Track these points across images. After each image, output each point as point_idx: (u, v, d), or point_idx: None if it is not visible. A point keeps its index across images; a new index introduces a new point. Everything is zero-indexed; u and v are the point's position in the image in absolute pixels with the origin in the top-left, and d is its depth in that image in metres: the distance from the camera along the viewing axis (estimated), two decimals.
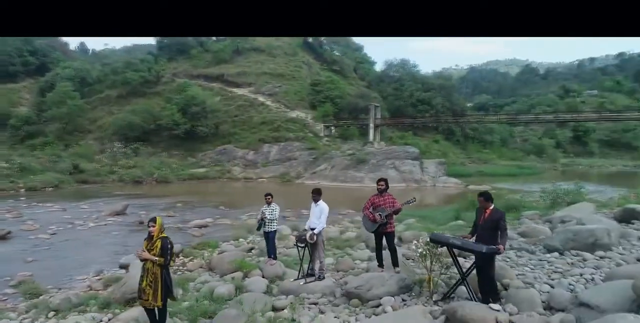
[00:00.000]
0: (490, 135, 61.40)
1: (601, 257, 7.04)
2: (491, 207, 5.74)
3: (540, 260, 7.55)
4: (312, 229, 7.36)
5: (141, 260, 5.33)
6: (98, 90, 57.77)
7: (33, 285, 9.21)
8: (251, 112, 49.74)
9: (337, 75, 60.62)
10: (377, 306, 5.97)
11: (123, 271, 10.71)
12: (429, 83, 61.99)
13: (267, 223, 9.08)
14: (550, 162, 57.82)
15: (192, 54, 61.70)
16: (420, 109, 58.40)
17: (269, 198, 9.18)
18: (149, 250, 5.22)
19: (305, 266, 7.73)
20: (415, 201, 7.25)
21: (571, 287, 5.79)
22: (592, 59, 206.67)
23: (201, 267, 10.37)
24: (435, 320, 4.48)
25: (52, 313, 7.50)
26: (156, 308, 5.30)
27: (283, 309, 6.28)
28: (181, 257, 11.91)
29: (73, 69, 58.23)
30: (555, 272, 6.76)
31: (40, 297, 8.61)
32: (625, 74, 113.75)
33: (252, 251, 11.79)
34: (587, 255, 7.22)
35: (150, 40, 70.31)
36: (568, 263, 7.11)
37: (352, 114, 51.30)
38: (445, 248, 6.12)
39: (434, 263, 6.11)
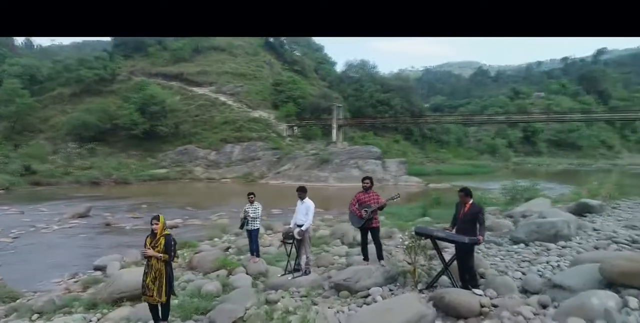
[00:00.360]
0: (447, 135, 63.59)
1: (563, 247, 7.72)
2: (470, 202, 6.25)
3: (509, 251, 8.17)
4: (299, 226, 7.65)
5: (145, 258, 5.45)
6: (49, 88, 55.24)
7: (7, 289, 8.97)
8: (213, 112, 49.21)
9: (299, 76, 60.90)
10: (366, 296, 6.34)
11: (99, 273, 10.61)
12: (388, 84, 63.41)
13: (250, 222, 9.26)
14: (503, 161, 60.63)
15: (149, 52, 60.16)
16: (380, 110, 59.63)
17: (251, 197, 9.37)
18: (153, 247, 5.35)
19: (292, 262, 7.99)
20: (399, 197, 7.70)
21: (540, 273, 6.38)
22: (539, 63, 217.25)
23: (180, 267, 10.39)
24: (430, 305, 4.88)
25: (35, 315, 7.40)
26: (159, 304, 5.43)
27: (277, 302, 6.54)
28: None
29: (21, 66, 55.37)
30: (524, 261, 7.37)
31: (17, 301, 8.43)
32: (569, 78, 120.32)
33: (229, 250, 11.91)
34: (551, 245, 7.89)
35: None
36: (534, 253, 7.75)
37: (315, 114, 51.74)
38: (428, 240, 6.58)
39: (418, 255, 6.55)
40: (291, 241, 7.78)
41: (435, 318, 4.69)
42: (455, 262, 6.23)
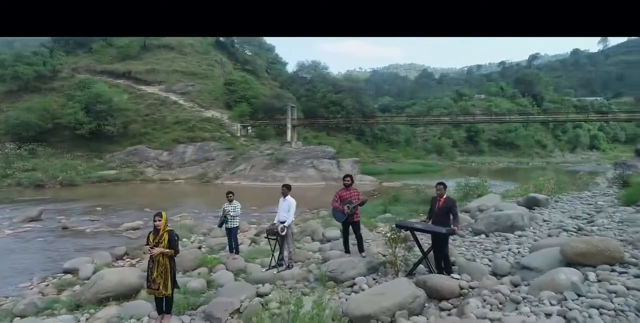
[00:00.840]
0: (397, 135, 65.61)
1: (520, 236, 8.62)
2: (445, 196, 6.92)
3: (472, 242, 8.99)
4: (282, 222, 8.04)
5: (148, 254, 5.65)
6: None
7: None
8: (163, 112, 48.01)
9: (251, 75, 60.66)
10: (352, 286, 6.85)
11: (69, 276, 10.42)
12: (340, 85, 64.50)
13: (229, 220, 9.52)
14: (449, 160, 63.51)
15: (93, 49, 57.71)
16: (332, 110, 60.54)
17: (230, 196, 9.64)
18: (157, 243, 5.57)
19: (275, 257, 8.36)
20: (377, 194, 8.27)
21: (504, 259, 7.17)
22: (478, 66, 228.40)
23: None
24: (419, 287, 5.45)
25: (16, 318, 7.30)
26: (163, 297, 5.66)
27: (267, 295, 6.90)
28: (128, 259, 11.83)
29: None
30: (487, 249, 8.18)
31: None
32: (506, 81, 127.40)
33: (202, 249, 12.05)
34: (509, 235, 8.78)
35: None
36: (494, 242, 8.60)
37: (268, 114, 51.79)
38: (407, 232, 7.19)
39: (398, 246, 7.14)
40: (275, 237, 8.15)
41: (426, 300, 5.27)
42: (431, 251, 6.89)
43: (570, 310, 3.84)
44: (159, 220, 5.67)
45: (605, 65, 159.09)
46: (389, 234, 7.22)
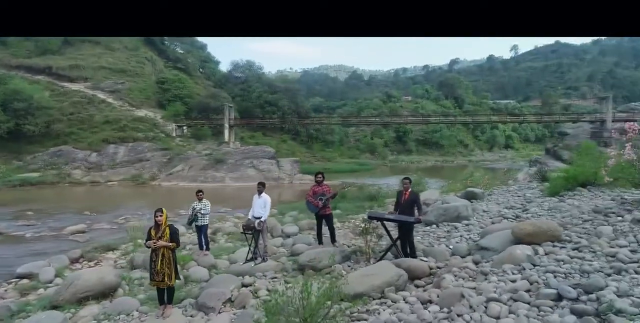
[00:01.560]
0: (331, 135, 67.21)
1: (467, 224, 9.78)
2: (409, 190, 7.82)
3: (425, 231, 10.02)
4: (258, 218, 8.53)
5: (149, 247, 5.93)
6: None
7: None
8: (90, 110, 45.56)
9: (183, 74, 59.24)
10: (330, 273, 7.53)
11: (26, 280, 10.10)
12: (275, 85, 64.89)
13: (199, 218, 9.80)
14: (381, 159, 66.22)
15: (8, 42, 53.32)
16: (267, 110, 60.80)
17: (200, 195, 9.91)
18: (160, 238, 5.88)
19: (252, 251, 8.81)
20: (349, 187, 9.00)
21: (458, 244, 8.21)
22: (404, 69, 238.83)
23: (122, 267, 10.44)
24: (400, 268, 6.24)
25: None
26: (166, 288, 5.98)
27: (251, 285, 7.38)
28: (85, 262, 11.63)
29: None
30: (440, 237, 9.23)
31: None
32: (430, 83, 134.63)
33: None
34: (457, 224, 9.91)
35: None
36: (446, 231, 9.69)
37: (203, 114, 50.99)
38: (376, 222, 8.01)
39: (370, 235, 7.93)
40: (250, 232, 8.61)
41: (407, 278, 6.08)
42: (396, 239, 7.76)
43: (530, 276, 4.80)
44: (160, 216, 5.98)
45: (516, 71, 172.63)
46: (362, 225, 7.99)
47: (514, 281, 4.83)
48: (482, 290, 4.70)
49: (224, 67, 78.09)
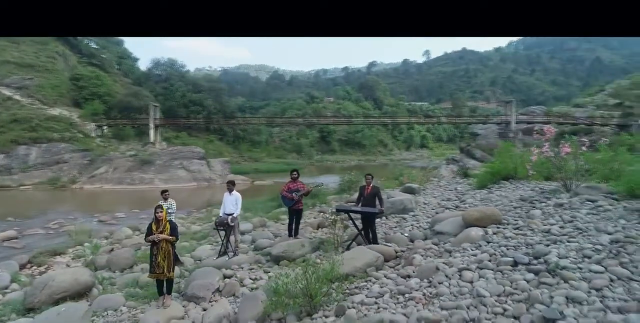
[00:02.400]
0: (258, 135, 67.34)
1: (414, 215, 11.01)
2: (371, 185, 8.80)
3: (377, 222, 11.07)
4: (230, 214, 9.02)
5: (151, 241, 6.27)
6: None
7: None
8: None
9: (99, 71, 56.08)
10: (304, 262, 8.26)
11: None
12: (200, 84, 63.64)
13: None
14: (307, 159, 67.57)
15: None
16: (193, 110, 59.55)
17: (166, 194, 10.13)
18: (161, 232, 6.25)
19: (225, 246, 9.27)
20: (323, 185, 9.77)
21: (412, 231, 9.35)
22: (325, 70, 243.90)
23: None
24: (377, 253, 7.14)
25: None
26: (165, 280, 6.36)
27: (231, 277, 7.89)
28: (33, 266, 11.26)
29: None
30: (393, 227, 10.34)
31: None
32: (350, 85, 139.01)
33: (114, 250, 12.03)
34: (405, 215, 11.11)
35: None
36: (396, 222, 10.83)
37: (124, 113, 48.80)
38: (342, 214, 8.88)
39: (337, 227, 8.79)
40: (222, 228, 9.07)
41: (383, 260, 7.02)
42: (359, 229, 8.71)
43: (488, 250, 5.93)
44: (160, 212, 6.35)
45: (428, 75, 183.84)
46: (332, 217, 8.83)
47: (475, 255, 5.94)
48: (452, 263, 5.75)
49: (142, 64, 74.85)
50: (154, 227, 6.36)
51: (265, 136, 70.29)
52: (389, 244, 8.09)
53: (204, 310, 6.55)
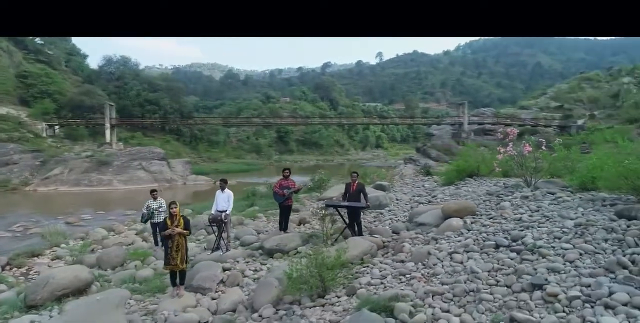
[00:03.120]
0: (216, 135, 66.73)
1: (389, 210, 11.86)
2: (357, 182, 9.54)
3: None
4: (223, 211, 9.47)
5: (167, 236, 6.67)
6: None
7: None
8: None
9: (48, 68, 53.73)
10: (296, 253, 8.87)
11: None
12: (156, 83, 62.27)
13: (156, 215, 10.31)
14: (267, 159, 67.73)
15: None
16: (148, 109, 58.23)
17: (155, 194, 10.41)
18: (175, 226, 6.67)
19: (219, 241, 9.69)
20: (310, 185, 10.36)
21: (391, 224, 10.17)
22: (280, 70, 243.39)
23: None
24: (371, 242, 7.86)
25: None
26: (178, 272, 6.78)
27: (230, 269, 8.38)
28: (13, 268, 11.18)
29: None
30: (372, 222, 11.13)
31: None
32: (305, 85, 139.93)
33: (97, 251, 12.12)
34: (382, 210, 11.94)
35: None
36: (374, 216, 11.64)
37: (76, 113, 47.12)
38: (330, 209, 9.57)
39: (326, 221, 9.45)
40: (216, 224, 9.51)
41: (377, 248, 7.76)
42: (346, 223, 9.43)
43: (470, 237, 6.80)
44: (175, 208, 6.77)
45: (381, 76, 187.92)
46: (323, 212, 9.48)
47: (459, 241, 6.79)
48: (441, 248, 6.57)
49: (92, 61, 72.15)
50: (168, 222, 6.76)
51: (223, 136, 69.74)
52: (375, 235, 8.85)
53: (213, 299, 7.03)
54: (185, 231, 6.77)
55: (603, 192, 8.05)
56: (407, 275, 5.90)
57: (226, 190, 9.75)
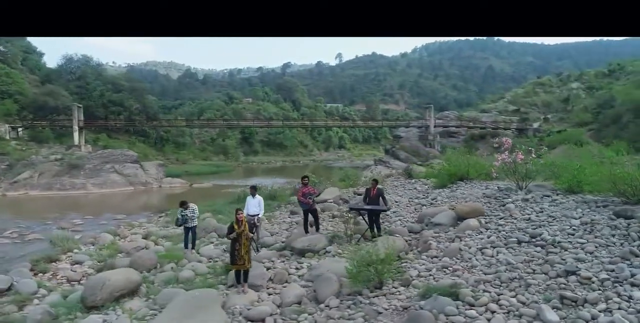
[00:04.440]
0: (182, 137, 66.09)
1: (394, 212, 13.00)
2: (376, 187, 10.63)
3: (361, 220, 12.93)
4: (255, 215, 10.31)
5: (233, 238, 7.47)
6: None
7: None
8: None
9: (6, 67, 51.51)
10: (325, 253, 9.84)
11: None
12: (120, 84, 60.95)
13: (189, 220, 10.98)
14: (234, 160, 67.76)
15: None
16: (112, 110, 57.02)
17: (186, 205, 11.06)
18: (242, 230, 7.50)
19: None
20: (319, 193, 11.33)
21: (401, 225, 11.31)
22: (239, 70, 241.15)
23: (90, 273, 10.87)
24: (405, 242, 8.95)
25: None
26: (242, 270, 7.62)
27: (270, 268, 9.24)
28: (39, 273, 11.49)
29: None
30: (381, 224, 12.24)
31: None
32: (265, 85, 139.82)
33: (120, 255, 12.58)
34: (387, 212, 13.05)
35: None
36: (382, 218, 12.74)
37: (38, 114, 45.62)
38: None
39: (350, 223, 10.48)
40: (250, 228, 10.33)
41: (409, 246, 8.86)
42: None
43: (492, 235, 8.03)
44: (241, 213, 7.60)
45: (341, 77, 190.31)
46: (348, 215, 10.51)
47: (482, 238, 8.03)
48: (469, 245, 7.78)
49: (48, 60, 69.03)
50: (235, 226, 7.58)
51: (189, 138, 69.12)
52: (396, 235, 9.98)
53: (269, 295, 7.90)
54: (251, 234, 7.61)
55: (588, 194, 9.54)
56: (449, 268, 7.04)
57: (257, 196, 10.58)
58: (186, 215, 10.94)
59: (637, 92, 36.50)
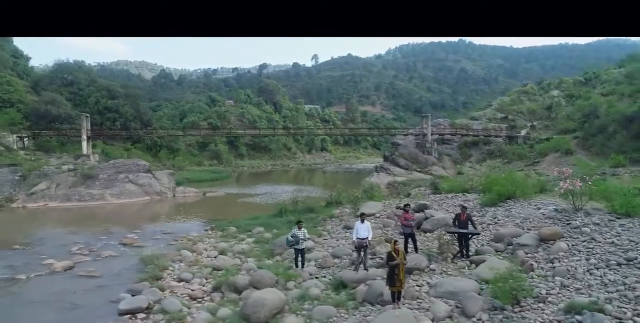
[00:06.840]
0: (176, 142, 66.27)
1: (461, 228, 14.79)
2: (465, 213, 12.41)
3: (426, 237, 14.67)
4: (364, 239, 11.89)
5: (395, 265, 9.04)
6: None
7: None
8: None
9: (7, 75, 50.72)
10: (430, 270, 11.53)
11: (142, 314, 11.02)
12: (115, 90, 60.62)
13: (300, 242, 12.44)
14: (228, 165, 68.43)
15: None
16: (108, 117, 56.86)
17: (300, 225, 12.53)
18: (400, 258, 9.10)
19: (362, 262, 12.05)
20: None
21: (484, 246, 13.11)
22: (214, 70, 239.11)
23: (224, 290, 12.16)
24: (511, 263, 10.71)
25: None
26: (398, 291, 9.23)
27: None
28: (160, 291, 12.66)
29: None
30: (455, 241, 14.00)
31: None
32: (242, 86, 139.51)
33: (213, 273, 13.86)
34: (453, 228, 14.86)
35: None
36: (449, 234, 14.53)
37: (42, 123, 45.33)
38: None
39: (449, 244, 12.23)
40: (362, 249, 11.89)
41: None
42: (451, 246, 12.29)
43: (587, 256, 9.90)
44: (398, 244, 9.20)
45: (318, 79, 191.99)
46: (446, 238, 12.26)
47: (578, 260, 9.90)
48: (574, 266, 9.63)
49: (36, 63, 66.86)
50: (394, 254, 9.16)
51: (182, 143, 69.33)
52: (489, 254, 11.78)
53: (410, 309, 9.53)
54: (405, 261, 9.23)
55: None
56: (570, 287, 8.86)
57: (365, 221, 12.17)
58: (297, 236, 12.39)
59: (621, 105, 39.84)
